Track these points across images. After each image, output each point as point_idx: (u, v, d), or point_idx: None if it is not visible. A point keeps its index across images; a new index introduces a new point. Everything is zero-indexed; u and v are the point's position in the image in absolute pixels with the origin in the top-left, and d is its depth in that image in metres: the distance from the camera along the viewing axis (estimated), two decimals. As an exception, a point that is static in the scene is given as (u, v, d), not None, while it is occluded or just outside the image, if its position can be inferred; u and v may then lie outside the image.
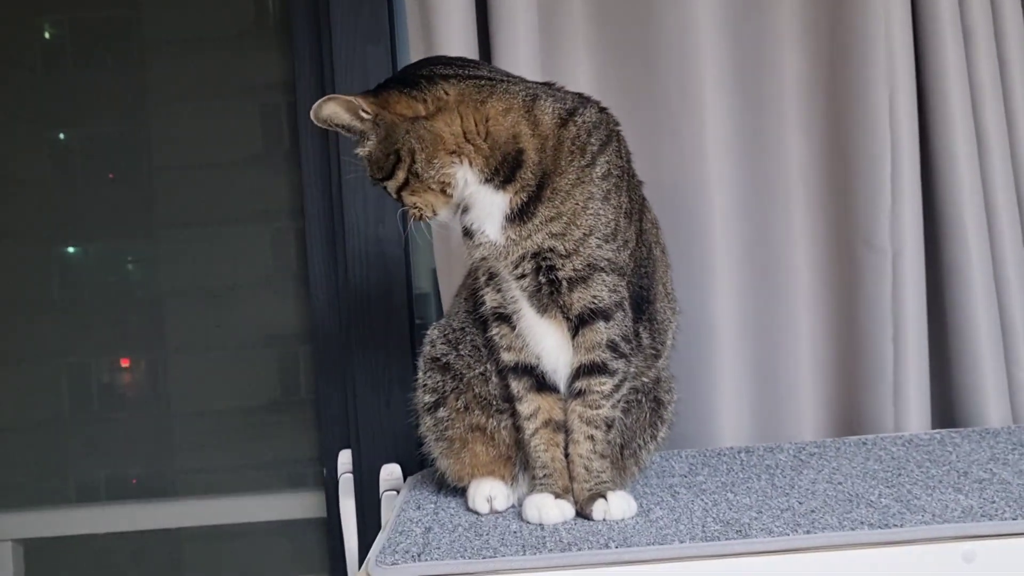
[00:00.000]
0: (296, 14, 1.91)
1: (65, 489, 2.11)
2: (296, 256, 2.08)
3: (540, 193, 1.15)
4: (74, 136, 2.13)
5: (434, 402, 1.29)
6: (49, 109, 2.10)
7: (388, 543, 1.11)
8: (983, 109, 1.61)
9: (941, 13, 1.59)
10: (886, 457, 1.39)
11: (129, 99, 2.09)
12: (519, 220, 1.16)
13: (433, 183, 1.16)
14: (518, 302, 1.21)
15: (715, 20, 1.65)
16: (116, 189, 2.10)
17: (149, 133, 2.10)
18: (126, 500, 2.09)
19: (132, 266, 2.15)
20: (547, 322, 1.20)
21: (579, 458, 1.19)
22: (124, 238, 2.12)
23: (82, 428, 2.10)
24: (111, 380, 2.14)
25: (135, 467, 2.10)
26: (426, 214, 1.18)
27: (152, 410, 2.11)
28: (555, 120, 1.17)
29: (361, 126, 1.17)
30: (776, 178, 1.68)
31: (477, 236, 1.19)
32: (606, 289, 1.17)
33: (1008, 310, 1.61)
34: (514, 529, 1.14)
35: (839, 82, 1.64)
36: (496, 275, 1.21)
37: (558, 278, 1.17)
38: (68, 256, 2.13)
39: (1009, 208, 1.62)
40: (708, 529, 1.08)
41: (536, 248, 1.16)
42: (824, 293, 1.68)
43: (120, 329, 2.10)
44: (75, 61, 2.12)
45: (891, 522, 1.06)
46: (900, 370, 1.59)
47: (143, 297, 2.11)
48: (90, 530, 2.09)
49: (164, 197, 2.10)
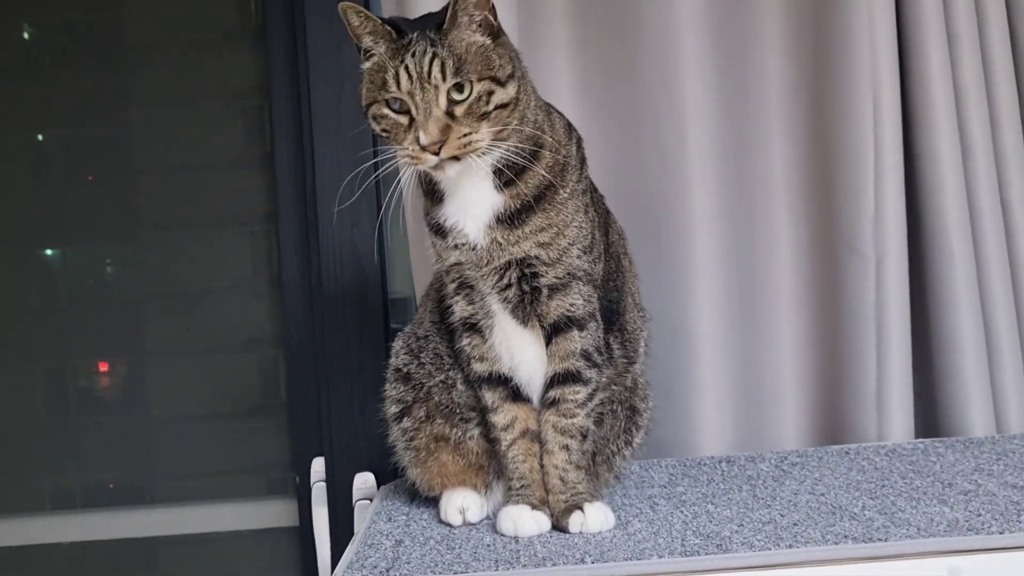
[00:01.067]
0: (272, 17, 1.88)
1: (40, 495, 2.07)
2: (275, 260, 2.04)
3: (538, 203, 1.12)
4: (53, 138, 2.10)
5: (399, 412, 1.26)
6: (28, 111, 2.07)
7: (357, 557, 1.07)
8: (967, 115, 1.59)
9: (926, 17, 1.56)
10: (869, 467, 1.36)
11: (109, 101, 2.06)
12: (509, 224, 1.12)
13: (505, 131, 1.07)
14: (494, 314, 1.17)
15: (698, 20, 1.62)
16: (95, 191, 2.07)
17: (129, 136, 2.07)
18: (100, 508, 2.05)
19: (111, 269, 2.12)
20: (527, 333, 1.17)
21: (554, 469, 1.15)
22: (103, 241, 2.08)
23: (58, 433, 2.06)
24: (88, 384, 2.10)
25: (111, 472, 2.06)
26: (479, 147, 1.06)
27: (129, 415, 2.07)
28: (564, 129, 1.17)
29: (494, 21, 1.09)
30: (759, 180, 1.65)
31: (453, 236, 1.14)
32: (581, 298, 1.16)
33: (992, 318, 1.59)
34: (487, 542, 1.10)
35: (823, 85, 1.62)
36: (467, 284, 1.17)
37: (540, 285, 1.14)
38: (46, 259, 2.10)
39: (993, 215, 1.60)
40: (688, 543, 1.05)
41: (523, 255, 1.13)
42: (806, 298, 1.65)
43: (98, 332, 2.07)
44: (54, 63, 2.09)
45: (875, 536, 1.03)
46: (883, 378, 1.56)
47: (121, 300, 2.08)
48: (63, 539, 2.05)
49: (143, 200, 2.07)
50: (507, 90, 1.08)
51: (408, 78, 1.05)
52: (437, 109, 1.05)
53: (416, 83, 1.05)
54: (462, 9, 1.07)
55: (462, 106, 1.05)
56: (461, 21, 1.07)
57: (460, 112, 1.05)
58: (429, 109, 1.05)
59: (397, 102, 1.07)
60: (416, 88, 1.05)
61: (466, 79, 1.05)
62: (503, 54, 1.09)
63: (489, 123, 1.07)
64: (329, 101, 1.73)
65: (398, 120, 1.07)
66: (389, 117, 1.08)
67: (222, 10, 2.06)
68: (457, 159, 1.06)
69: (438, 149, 1.05)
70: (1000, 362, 1.58)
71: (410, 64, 1.05)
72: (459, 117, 1.05)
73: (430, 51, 1.05)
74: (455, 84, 1.05)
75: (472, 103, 1.06)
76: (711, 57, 1.63)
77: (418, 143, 1.05)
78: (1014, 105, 1.62)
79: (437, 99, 1.05)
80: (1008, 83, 1.62)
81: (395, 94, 1.06)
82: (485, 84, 1.06)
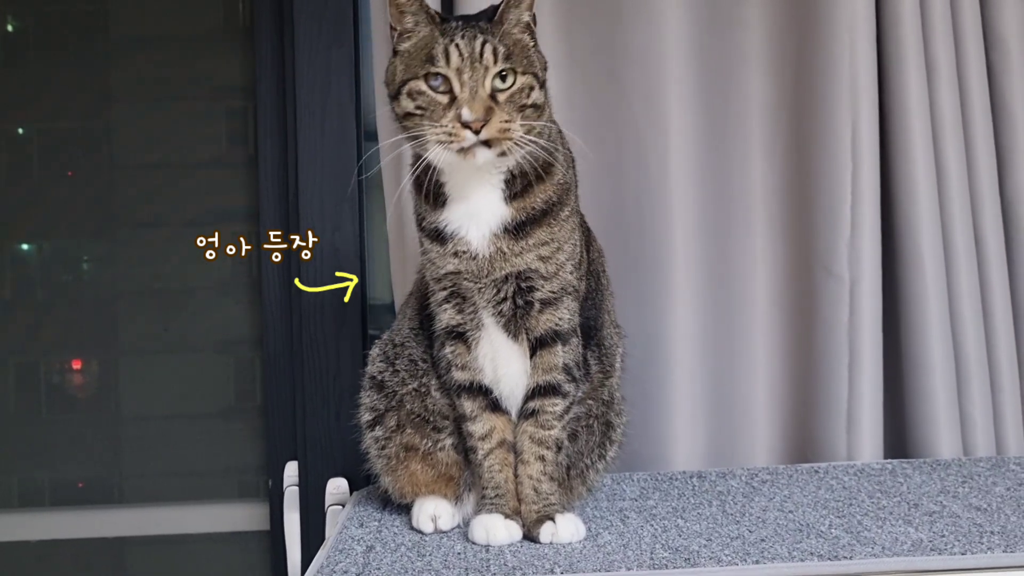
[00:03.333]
0: (259, 18, 1.89)
1: (8, 493, 2.04)
2: (254, 262, 2.03)
3: (543, 217, 1.14)
4: (33, 131, 2.08)
5: (372, 420, 1.27)
6: (9, 103, 2.06)
7: (327, 561, 1.08)
8: (944, 143, 1.62)
9: (905, 46, 1.59)
10: (837, 486, 1.38)
11: (91, 96, 2.05)
12: (515, 235, 1.14)
13: (530, 133, 1.10)
14: (485, 326, 1.18)
15: (682, 42, 1.64)
16: (74, 187, 2.05)
17: (110, 131, 2.06)
18: (70, 506, 2.03)
19: (87, 265, 2.10)
20: (514, 347, 1.18)
21: (529, 479, 1.16)
22: (80, 237, 2.07)
23: (29, 430, 2.04)
24: (60, 381, 2.08)
25: (81, 471, 2.04)
26: (512, 138, 1.08)
27: (101, 413, 2.06)
28: (568, 148, 1.21)
29: (535, 31, 1.15)
30: (738, 201, 1.67)
31: (453, 243, 1.15)
32: (568, 313, 1.18)
33: (963, 344, 1.61)
34: (458, 550, 1.11)
35: (803, 109, 1.65)
36: (459, 294, 1.18)
37: (533, 299, 1.15)
38: (22, 253, 2.08)
39: (966, 242, 1.62)
40: (656, 556, 1.06)
41: (524, 267, 1.14)
42: (781, 318, 1.67)
43: (72, 330, 2.05)
44: (37, 55, 2.07)
45: (841, 554, 1.05)
46: (854, 398, 1.58)
47: (97, 297, 2.06)
48: (31, 537, 2.03)
49: (122, 197, 2.05)
50: (541, 93, 1.12)
51: (459, 56, 1.07)
52: (483, 90, 1.07)
53: (467, 61, 1.07)
54: (513, 7, 1.11)
55: (505, 93, 1.08)
56: (510, 18, 1.11)
57: (503, 99, 1.08)
58: (476, 88, 1.07)
59: (439, 79, 1.08)
60: (466, 66, 1.07)
61: (512, 69, 1.09)
62: (541, 60, 1.14)
63: (523, 117, 1.09)
64: (315, 102, 1.73)
65: (437, 98, 1.08)
66: (427, 94, 1.09)
67: (212, 7, 2.06)
68: (489, 146, 1.07)
69: (480, 128, 1.06)
70: (968, 386, 1.61)
71: (460, 44, 1.08)
72: (501, 103, 1.08)
73: (481, 36, 1.08)
74: (501, 71, 1.08)
75: (515, 92, 1.09)
76: (694, 78, 1.65)
77: (459, 120, 1.06)
78: (989, 134, 1.65)
79: (484, 80, 1.07)
80: (983, 111, 1.65)
81: (441, 70, 1.08)
82: (528, 79, 1.10)
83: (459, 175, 1.13)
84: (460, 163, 1.10)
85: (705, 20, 1.66)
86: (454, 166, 1.12)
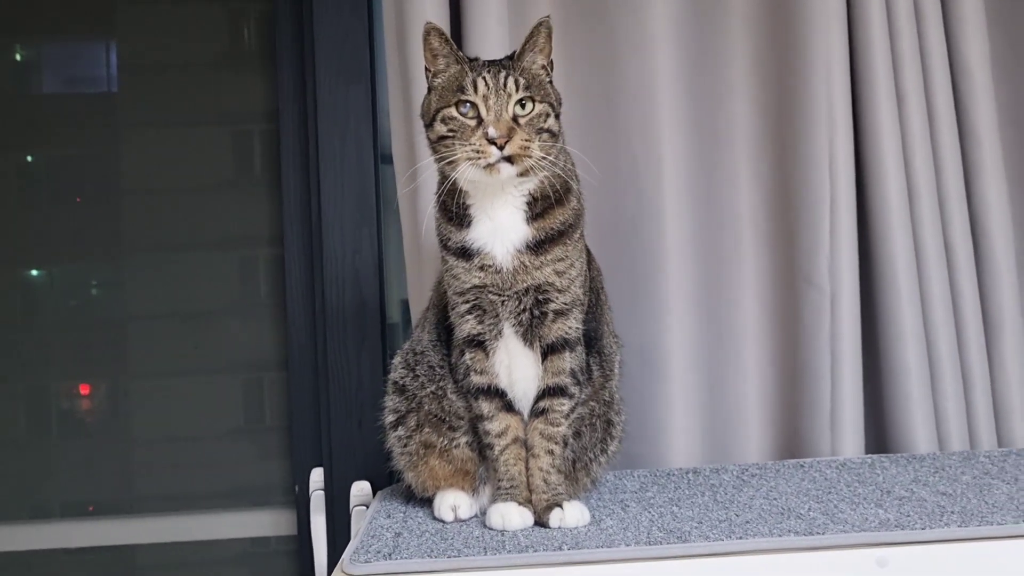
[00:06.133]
0: (280, 49, 2.00)
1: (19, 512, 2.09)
2: (264, 283, 2.10)
3: (559, 237, 1.30)
4: (42, 158, 2.13)
5: (394, 421, 1.41)
6: (18, 130, 2.11)
7: (361, 545, 1.21)
8: (914, 164, 1.75)
9: (877, 76, 1.73)
10: (820, 478, 1.51)
11: (100, 122, 2.11)
12: (535, 251, 1.29)
13: (546, 159, 1.25)
14: (503, 335, 1.32)
15: (674, 75, 1.78)
16: (83, 212, 2.11)
17: (119, 156, 2.11)
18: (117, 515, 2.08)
19: (96, 290, 2.16)
20: (528, 353, 1.32)
21: (539, 471, 1.30)
22: (89, 262, 2.12)
23: (39, 454, 2.09)
24: (70, 406, 2.13)
25: (91, 496, 2.09)
26: (532, 156, 1.23)
27: (110, 438, 2.10)
28: (578, 183, 1.35)
29: (550, 69, 1.33)
30: (727, 220, 1.80)
31: (479, 258, 1.29)
32: (575, 323, 1.32)
33: (936, 347, 1.74)
34: (476, 535, 1.25)
35: (785, 135, 1.78)
36: (480, 307, 1.31)
37: (548, 310, 1.30)
38: (32, 279, 2.13)
39: (937, 254, 1.75)
40: (652, 536, 1.19)
41: (544, 279, 1.29)
42: (769, 327, 1.80)
43: (83, 354, 2.10)
44: (46, 83, 2.14)
45: (815, 531, 1.18)
46: (837, 399, 1.71)
47: (107, 322, 2.11)
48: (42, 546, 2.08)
49: (131, 221, 2.11)
50: (556, 122, 1.29)
51: (485, 85, 1.25)
52: (506, 113, 1.25)
53: (492, 90, 1.25)
54: (531, 49, 1.29)
55: (525, 118, 1.26)
56: (527, 58, 1.29)
57: (523, 122, 1.25)
58: (500, 111, 1.24)
59: (468, 105, 1.25)
60: (491, 93, 1.25)
61: (530, 98, 1.26)
62: (556, 94, 1.32)
63: (540, 141, 1.26)
64: (335, 135, 1.85)
65: (466, 122, 1.25)
66: (458, 119, 1.26)
67: (219, 31, 2.13)
68: (512, 162, 1.23)
69: (503, 144, 1.23)
70: (942, 386, 1.73)
71: (487, 76, 1.26)
72: (522, 125, 1.25)
73: (504, 71, 1.27)
74: (521, 99, 1.26)
75: (533, 117, 1.26)
76: (685, 108, 1.78)
77: (486, 137, 1.23)
78: (956, 155, 1.78)
79: (507, 105, 1.25)
80: (951, 135, 1.78)
81: (470, 97, 1.25)
82: (544, 106, 1.27)
83: (485, 198, 1.29)
84: (486, 181, 1.26)
85: (695, 54, 1.80)
86: (479, 186, 1.28)
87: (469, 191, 1.30)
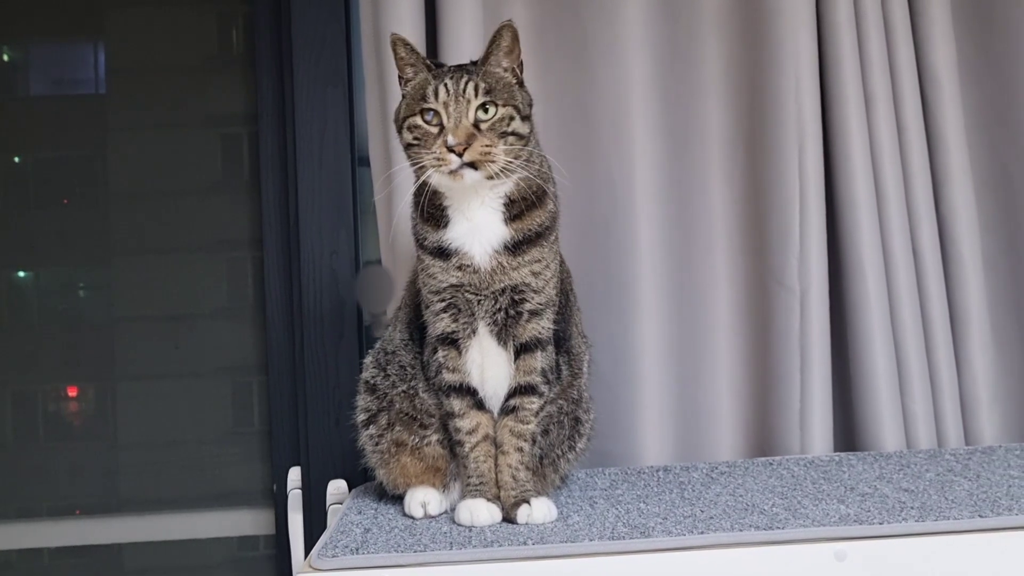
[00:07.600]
0: (260, 53, 2.01)
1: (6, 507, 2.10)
2: (251, 286, 2.12)
3: (536, 239, 1.32)
4: (29, 160, 2.13)
5: (366, 420, 1.43)
6: (4, 132, 2.12)
7: (330, 540, 1.23)
8: (883, 167, 1.78)
9: (845, 80, 1.76)
10: (787, 475, 1.53)
11: (87, 124, 2.11)
12: (513, 252, 1.31)
13: (515, 162, 1.26)
14: (477, 333, 1.33)
15: (646, 78, 1.80)
16: (70, 214, 2.12)
17: (106, 159, 2.12)
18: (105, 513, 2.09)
19: (83, 293, 2.17)
20: (501, 352, 1.34)
21: (508, 468, 1.32)
22: (76, 264, 2.13)
23: (26, 455, 2.10)
24: (57, 408, 2.14)
25: (77, 499, 2.11)
26: (496, 161, 1.24)
27: (97, 440, 2.12)
28: (555, 188, 1.36)
29: (519, 71, 1.33)
30: (699, 220, 1.83)
31: (458, 257, 1.31)
32: (548, 323, 1.35)
33: (903, 347, 1.77)
34: (444, 530, 1.27)
35: (755, 137, 1.81)
36: (455, 305, 1.33)
37: (523, 310, 1.32)
38: (19, 280, 2.14)
39: (905, 255, 1.78)
40: (617, 531, 1.22)
41: (521, 280, 1.31)
42: (740, 327, 1.83)
43: (69, 356, 2.11)
44: (33, 85, 2.15)
45: (775, 525, 1.20)
46: (806, 398, 1.74)
47: (94, 324, 2.12)
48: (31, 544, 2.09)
49: (118, 223, 2.12)
50: (523, 124, 1.30)
51: (445, 92, 1.26)
52: (466, 120, 1.25)
53: (452, 96, 1.26)
54: (495, 52, 1.30)
55: (487, 123, 1.26)
56: (492, 60, 1.30)
57: (484, 127, 1.26)
58: (459, 118, 1.25)
59: (431, 113, 1.27)
60: (451, 100, 1.26)
61: (492, 102, 1.27)
62: (524, 96, 1.33)
63: (505, 144, 1.26)
64: (313, 137, 1.86)
65: (429, 129, 1.27)
66: (422, 127, 1.27)
67: (206, 35, 2.14)
68: (475, 168, 1.25)
69: (462, 151, 1.24)
70: (910, 387, 1.76)
71: (448, 83, 1.27)
72: (483, 131, 1.26)
73: (466, 76, 1.28)
74: (483, 104, 1.26)
75: (495, 121, 1.27)
76: (657, 111, 1.81)
77: (445, 145, 1.24)
78: (924, 158, 1.81)
79: (467, 111, 1.26)
80: (919, 138, 1.81)
81: (431, 105, 1.26)
82: (508, 110, 1.28)
83: (461, 199, 1.30)
84: (454, 185, 1.27)
85: (667, 57, 1.83)
86: (453, 189, 1.29)
87: (445, 193, 1.31)
